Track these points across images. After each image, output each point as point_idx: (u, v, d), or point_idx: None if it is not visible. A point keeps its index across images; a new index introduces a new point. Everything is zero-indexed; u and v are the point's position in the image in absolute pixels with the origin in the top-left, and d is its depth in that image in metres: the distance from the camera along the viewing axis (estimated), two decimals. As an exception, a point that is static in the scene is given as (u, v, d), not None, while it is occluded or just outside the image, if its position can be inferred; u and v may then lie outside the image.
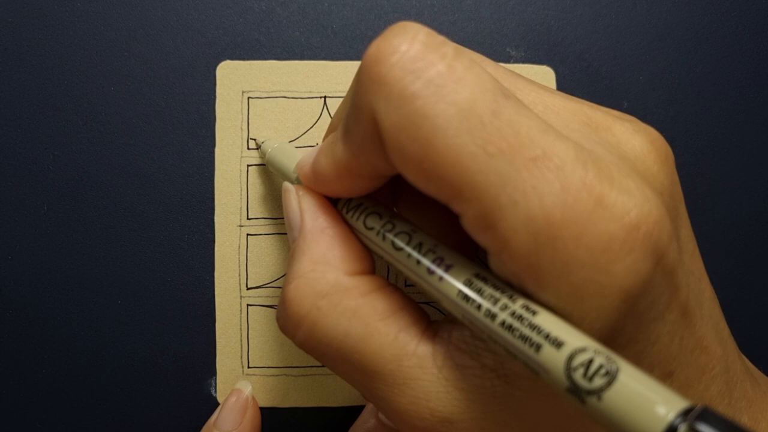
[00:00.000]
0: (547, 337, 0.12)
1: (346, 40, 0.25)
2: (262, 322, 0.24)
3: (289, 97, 0.25)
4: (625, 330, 0.13)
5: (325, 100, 0.25)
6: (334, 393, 0.24)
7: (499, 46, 0.25)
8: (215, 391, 0.24)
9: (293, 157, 0.20)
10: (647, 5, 0.26)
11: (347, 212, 0.17)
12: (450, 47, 0.13)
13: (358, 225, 0.17)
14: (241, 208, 0.24)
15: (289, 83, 0.25)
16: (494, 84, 0.13)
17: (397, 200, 0.19)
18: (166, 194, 0.24)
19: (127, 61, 0.25)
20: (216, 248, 0.24)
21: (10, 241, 0.24)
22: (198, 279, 0.24)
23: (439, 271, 0.14)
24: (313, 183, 0.17)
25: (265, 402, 0.24)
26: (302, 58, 0.25)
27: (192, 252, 0.24)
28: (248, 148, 0.25)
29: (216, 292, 0.24)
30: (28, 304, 0.24)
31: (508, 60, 0.25)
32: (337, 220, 0.17)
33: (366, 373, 0.15)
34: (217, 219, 0.24)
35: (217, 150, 0.25)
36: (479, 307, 0.13)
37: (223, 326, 0.24)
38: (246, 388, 0.24)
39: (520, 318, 0.13)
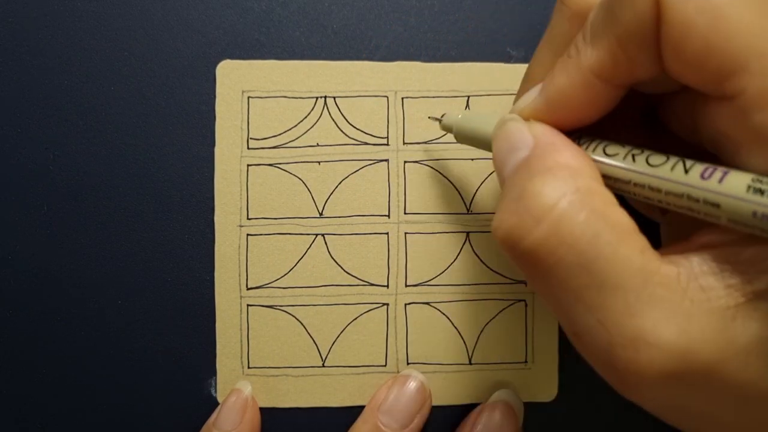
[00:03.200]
0: None
1: (346, 40, 0.25)
2: (262, 322, 0.24)
3: (289, 97, 0.25)
4: None
5: (325, 100, 0.25)
6: (334, 393, 0.24)
7: (499, 46, 0.25)
8: (215, 391, 0.24)
9: (485, 118, 0.19)
10: (647, 5, 0.26)
11: (581, 145, 0.16)
12: None
13: (597, 154, 0.16)
14: (241, 208, 0.24)
15: (289, 83, 0.25)
16: None
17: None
18: (166, 194, 0.24)
19: (127, 61, 0.25)
20: (216, 248, 0.24)
21: (10, 241, 0.24)
22: (198, 279, 0.24)
23: (717, 176, 0.14)
24: (545, 112, 0.17)
25: (265, 402, 0.24)
26: (302, 58, 0.25)
27: (192, 252, 0.24)
28: (248, 148, 0.25)
29: (216, 292, 0.24)
30: (28, 304, 0.24)
31: (508, 60, 0.25)
32: (571, 141, 0.16)
33: (603, 287, 0.14)
34: (217, 219, 0.24)
35: (217, 150, 0.25)
36: None
37: (223, 326, 0.24)
38: (246, 388, 0.24)
39: None
